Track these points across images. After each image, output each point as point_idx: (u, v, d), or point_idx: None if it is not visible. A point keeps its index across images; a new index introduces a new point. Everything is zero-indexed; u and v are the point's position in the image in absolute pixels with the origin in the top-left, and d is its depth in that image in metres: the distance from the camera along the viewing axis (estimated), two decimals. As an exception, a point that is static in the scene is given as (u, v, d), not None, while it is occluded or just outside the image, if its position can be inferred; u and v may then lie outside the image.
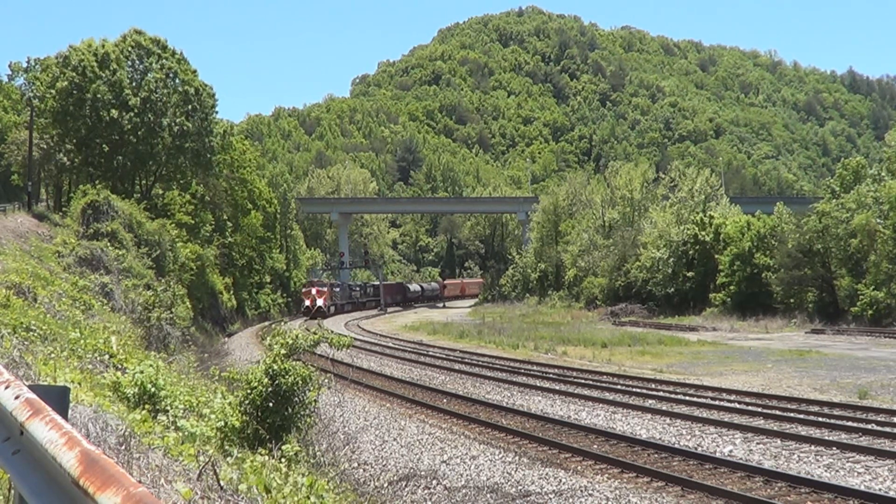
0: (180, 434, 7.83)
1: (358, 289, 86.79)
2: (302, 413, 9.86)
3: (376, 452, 14.37)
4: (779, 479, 11.32)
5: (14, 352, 9.10)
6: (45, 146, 42.15)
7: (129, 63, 44.47)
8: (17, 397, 3.39)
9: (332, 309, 73.68)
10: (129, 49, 44.19)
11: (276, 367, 9.64)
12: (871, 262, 43.75)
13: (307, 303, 69.10)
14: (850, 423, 15.35)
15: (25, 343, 10.39)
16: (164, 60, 44.83)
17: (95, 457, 2.66)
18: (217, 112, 47.03)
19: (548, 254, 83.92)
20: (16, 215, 34.97)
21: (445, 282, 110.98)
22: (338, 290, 79.57)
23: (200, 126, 44.44)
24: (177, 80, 44.74)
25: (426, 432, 16.11)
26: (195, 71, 46.27)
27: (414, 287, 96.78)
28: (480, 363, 29.71)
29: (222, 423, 8.87)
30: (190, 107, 44.20)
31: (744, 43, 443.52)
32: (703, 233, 58.79)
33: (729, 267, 54.14)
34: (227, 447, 8.27)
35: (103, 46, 43.14)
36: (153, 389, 8.87)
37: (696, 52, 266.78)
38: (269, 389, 9.45)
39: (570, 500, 10.84)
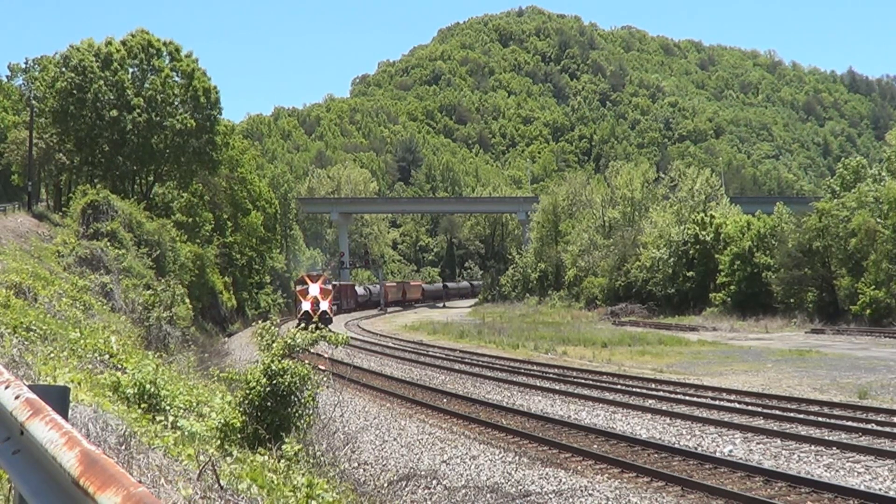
0: (180, 434, 7.83)
1: None
2: (301, 413, 9.85)
3: (376, 452, 14.38)
4: (779, 479, 11.33)
5: (14, 352, 9.10)
6: (44, 146, 42.16)
7: (137, 63, 44.34)
8: (17, 397, 3.40)
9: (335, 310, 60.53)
10: (138, 49, 44.06)
11: (274, 366, 9.63)
12: (871, 262, 43.75)
13: (306, 306, 50.32)
14: (850, 423, 15.35)
15: (25, 343, 10.39)
16: (175, 62, 44.74)
17: (95, 457, 2.66)
18: (221, 110, 47.10)
19: (548, 254, 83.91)
20: (16, 215, 34.98)
21: (387, 284, 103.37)
22: None
23: (204, 124, 44.43)
24: (185, 81, 44.59)
25: (426, 432, 16.11)
26: (208, 76, 46.25)
27: (361, 290, 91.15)
28: (480, 363, 29.71)
29: (222, 422, 8.86)
30: (195, 104, 44.19)
31: (744, 43, 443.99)
32: (704, 233, 58.80)
33: (729, 267, 54.15)
34: (227, 447, 8.26)
35: (109, 44, 43.07)
36: (153, 389, 8.87)
37: (696, 52, 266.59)
38: (268, 389, 9.44)
39: (570, 500, 10.84)
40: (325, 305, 50.62)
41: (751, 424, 15.53)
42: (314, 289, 50.70)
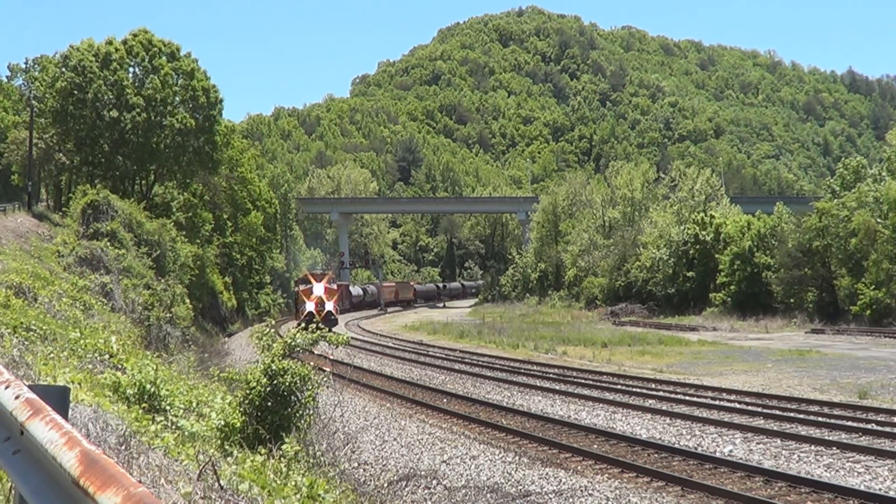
0: (180, 434, 7.83)
1: None
2: (301, 413, 9.85)
3: (376, 452, 14.37)
4: (779, 479, 11.32)
5: (14, 352, 9.10)
6: (44, 146, 42.15)
7: (138, 61, 44.24)
8: (17, 397, 3.39)
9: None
10: (139, 48, 43.96)
11: (274, 366, 9.63)
12: (871, 262, 43.74)
13: (310, 306, 46.75)
14: (850, 423, 15.34)
15: (25, 343, 10.39)
16: (175, 61, 44.67)
17: (95, 457, 2.66)
18: (223, 110, 47.05)
19: (548, 254, 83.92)
20: (16, 215, 34.99)
21: (383, 285, 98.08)
22: None
23: (204, 124, 44.39)
24: (185, 81, 44.49)
25: (426, 432, 16.11)
26: (208, 76, 46.16)
27: (356, 290, 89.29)
28: (480, 363, 29.71)
29: (222, 422, 8.87)
30: (195, 104, 44.14)
31: (744, 43, 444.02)
32: (704, 233, 58.80)
33: (729, 267, 54.14)
34: (227, 447, 8.26)
35: (110, 44, 43.00)
36: (153, 389, 8.87)
37: (696, 52, 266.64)
38: (268, 389, 9.44)
39: (570, 500, 10.84)
40: (330, 306, 47.92)
41: (751, 424, 15.53)
42: (319, 288, 48.07)
